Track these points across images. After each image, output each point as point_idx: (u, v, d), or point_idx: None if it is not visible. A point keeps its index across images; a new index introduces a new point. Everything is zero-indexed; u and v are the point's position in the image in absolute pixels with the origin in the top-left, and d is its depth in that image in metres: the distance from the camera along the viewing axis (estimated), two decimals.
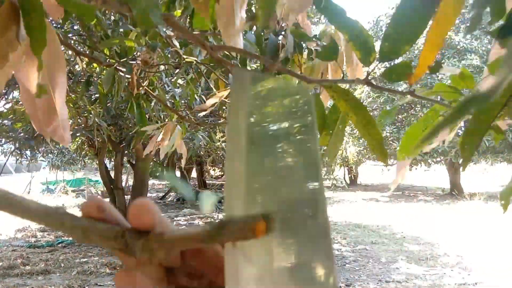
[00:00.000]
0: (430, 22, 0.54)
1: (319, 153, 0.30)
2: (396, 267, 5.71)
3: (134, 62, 1.95)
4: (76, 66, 4.32)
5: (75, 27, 3.74)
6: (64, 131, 0.91)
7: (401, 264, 5.83)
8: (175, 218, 10.44)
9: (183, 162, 2.13)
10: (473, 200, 12.86)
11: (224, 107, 2.20)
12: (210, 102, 1.80)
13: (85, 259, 6.08)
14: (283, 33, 1.78)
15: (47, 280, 5.11)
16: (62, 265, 5.74)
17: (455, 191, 14.93)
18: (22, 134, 7.51)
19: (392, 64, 0.68)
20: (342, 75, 1.16)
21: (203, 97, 3.53)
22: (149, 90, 2.33)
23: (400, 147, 0.79)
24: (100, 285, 4.88)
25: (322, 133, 0.92)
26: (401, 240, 7.52)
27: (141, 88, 2.06)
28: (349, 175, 21.06)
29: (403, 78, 0.67)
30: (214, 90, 2.01)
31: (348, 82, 0.90)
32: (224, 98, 1.93)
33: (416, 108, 14.31)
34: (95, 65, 3.98)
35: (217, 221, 0.26)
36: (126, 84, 2.24)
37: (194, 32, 2.06)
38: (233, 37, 1.05)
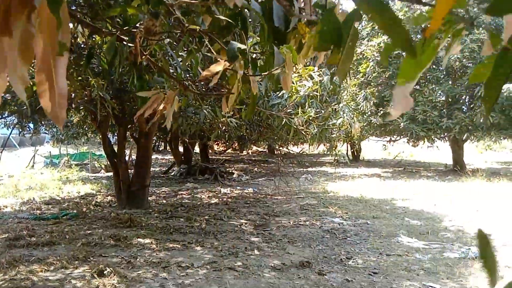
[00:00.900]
0: None
1: None
2: (397, 241, 5.76)
3: (136, 30, 1.92)
4: (78, 39, 4.27)
5: None
6: (59, 109, 0.86)
7: (401, 238, 5.88)
8: (179, 192, 10.53)
9: (167, 124, 2.09)
10: (475, 177, 12.88)
11: (226, 77, 2.17)
12: (214, 68, 1.77)
13: (90, 231, 6.16)
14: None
15: (52, 251, 5.19)
16: (67, 236, 5.82)
17: (457, 167, 14.93)
18: (25, 107, 7.50)
19: None
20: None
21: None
22: (151, 60, 2.30)
23: (400, 72, 0.77)
24: (104, 256, 4.96)
25: (333, 51, 0.91)
26: (402, 215, 7.58)
27: (143, 57, 2.03)
28: (352, 151, 21.08)
29: None
30: (218, 58, 1.97)
31: None
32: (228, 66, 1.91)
33: (420, 82, 14.17)
34: (97, 37, 3.93)
35: None
36: (128, 53, 2.21)
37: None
38: None
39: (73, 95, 5.76)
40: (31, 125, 9.74)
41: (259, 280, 4.26)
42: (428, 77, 13.95)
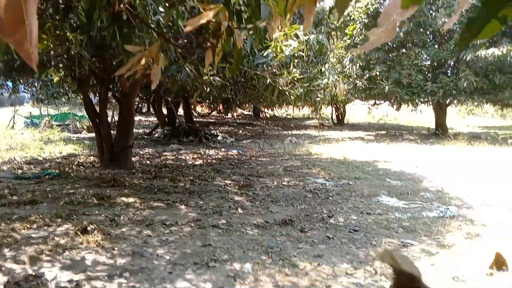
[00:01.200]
0: None
1: None
2: (378, 201, 5.88)
3: None
4: None
5: None
6: (30, 45, 0.81)
7: (382, 198, 6.00)
8: (163, 153, 10.50)
9: (153, 86, 2.01)
10: (456, 140, 13.11)
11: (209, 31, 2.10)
12: (198, 20, 1.70)
13: (73, 191, 6.13)
14: None
15: (35, 209, 5.16)
16: (50, 195, 5.79)
17: (440, 131, 15.15)
18: (1, 64, 7.24)
19: None
20: None
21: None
22: (131, 10, 2.20)
23: None
24: (88, 214, 4.96)
25: None
26: (383, 176, 7.71)
27: (122, 6, 1.94)
28: (336, 114, 21.16)
29: None
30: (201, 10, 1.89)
31: None
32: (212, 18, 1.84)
33: (408, 46, 14.10)
34: None
35: None
36: (106, 2, 2.11)
37: None
38: None
39: (51, 52, 5.56)
40: (10, 84, 9.47)
41: (243, 237, 4.32)
42: (414, 40, 13.87)
